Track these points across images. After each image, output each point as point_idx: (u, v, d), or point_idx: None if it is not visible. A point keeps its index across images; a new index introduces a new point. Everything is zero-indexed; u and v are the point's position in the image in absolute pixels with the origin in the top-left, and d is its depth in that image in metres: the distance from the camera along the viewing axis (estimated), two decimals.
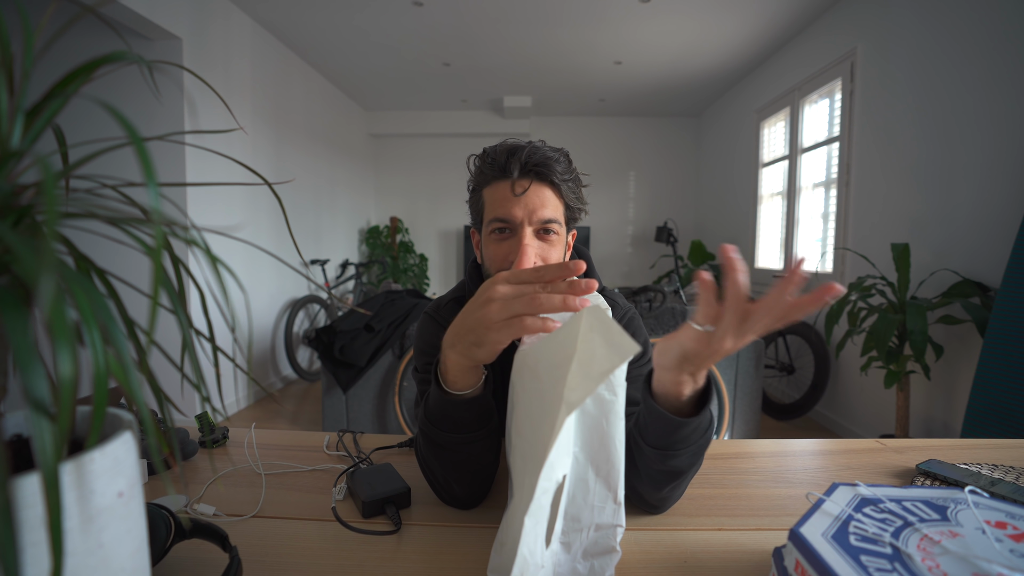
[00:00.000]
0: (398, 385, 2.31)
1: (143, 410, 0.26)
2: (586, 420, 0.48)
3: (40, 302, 0.21)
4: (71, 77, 0.31)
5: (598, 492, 0.49)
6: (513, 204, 0.71)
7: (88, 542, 0.28)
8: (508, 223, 0.72)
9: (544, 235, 0.73)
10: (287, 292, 3.86)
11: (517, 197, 0.71)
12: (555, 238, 0.73)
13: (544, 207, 0.72)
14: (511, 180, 0.71)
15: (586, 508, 0.49)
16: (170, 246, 0.29)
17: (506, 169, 0.72)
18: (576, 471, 0.49)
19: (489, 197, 0.74)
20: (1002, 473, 0.73)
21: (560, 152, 0.74)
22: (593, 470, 0.49)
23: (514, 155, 0.71)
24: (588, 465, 0.49)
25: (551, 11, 3.15)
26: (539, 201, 0.71)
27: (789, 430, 2.93)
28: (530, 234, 0.71)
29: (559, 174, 0.72)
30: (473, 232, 0.82)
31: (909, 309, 1.98)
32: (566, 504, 0.49)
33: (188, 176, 2.64)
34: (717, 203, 4.99)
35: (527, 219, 0.71)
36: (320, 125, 4.34)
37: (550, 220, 0.72)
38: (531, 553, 0.43)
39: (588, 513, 0.49)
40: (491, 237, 0.74)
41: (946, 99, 2.22)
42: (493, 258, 0.74)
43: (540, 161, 0.71)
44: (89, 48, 2.57)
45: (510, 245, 0.72)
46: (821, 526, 0.43)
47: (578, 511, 0.49)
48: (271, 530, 0.59)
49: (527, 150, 0.71)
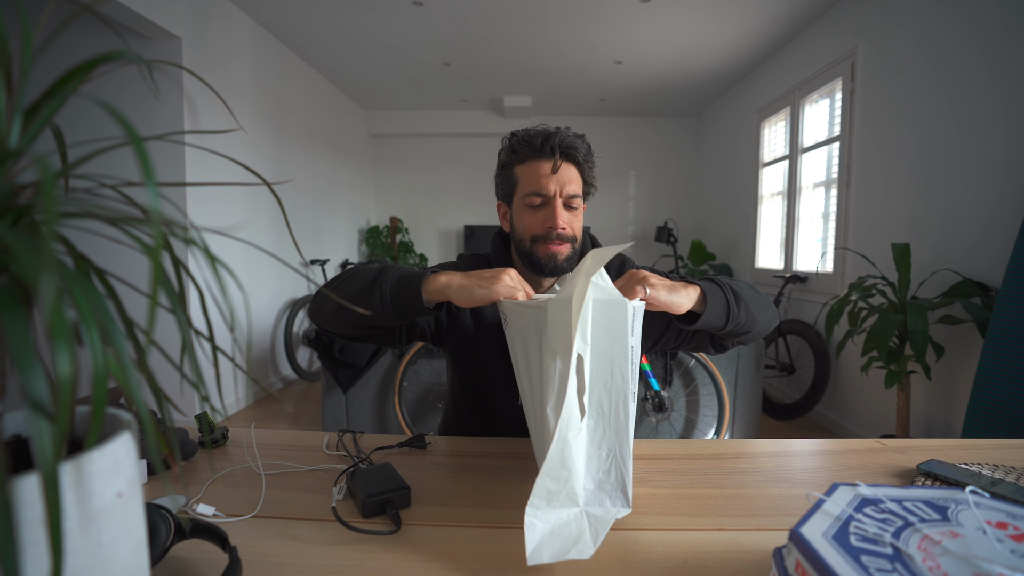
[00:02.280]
0: (398, 385, 2.31)
1: (142, 410, 0.26)
2: (599, 318, 0.60)
3: (39, 302, 0.21)
4: (70, 76, 0.31)
5: (617, 381, 0.60)
6: (548, 180, 0.86)
7: (87, 542, 0.28)
8: (543, 196, 0.86)
9: (570, 207, 0.88)
10: (287, 292, 3.86)
11: (552, 175, 0.86)
12: (577, 209, 0.89)
13: (571, 183, 0.87)
14: (547, 160, 0.86)
15: (607, 396, 0.60)
16: (169, 246, 0.29)
17: (542, 151, 0.86)
18: (595, 360, 0.59)
19: (523, 173, 0.88)
20: (1003, 473, 0.73)
21: (581, 138, 0.88)
22: (611, 362, 0.60)
23: (549, 139, 0.85)
24: (606, 355, 0.60)
25: (551, 11, 3.15)
26: (567, 178, 0.87)
27: (789, 430, 2.93)
28: (560, 204, 0.86)
29: (583, 156, 0.87)
30: (500, 204, 0.96)
31: (910, 309, 1.98)
32: (589, 388, 0.59)
33: (188, 176, 2.64)
34: (717, 203, 4.99)
35: (559, 192, 0.86)
36: (320, 125, 4.34)
37: (574, 195, 0.87)
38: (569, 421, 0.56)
39: (609, 401, 0.60)
40: (525, 208, 0.88)
41: (946, 99, 2.22)
42: (528, 225, 0.89)
43: (571, 144, 0.86)
44: (88, 48, 2.57)
45: (545, 214, 0.87)
46: (822, 526, 0.43)
47: (600, 397, 0.60)
48: (271, 530, 0.59)
49: (559, 135, 0.86)
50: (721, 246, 4.79)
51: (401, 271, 0.78)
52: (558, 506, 0.56)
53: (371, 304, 0.75)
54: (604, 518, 0.58)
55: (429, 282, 0.75)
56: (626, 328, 0.59)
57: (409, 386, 2.36)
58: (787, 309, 3.51)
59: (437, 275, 0.76)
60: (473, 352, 0.95)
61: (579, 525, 0.56)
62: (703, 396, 2.36)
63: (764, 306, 0.85)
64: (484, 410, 0.99)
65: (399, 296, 0.75)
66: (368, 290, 0.76)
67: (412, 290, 0.74)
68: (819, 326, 2.99)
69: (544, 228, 0.86)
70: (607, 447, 0.60)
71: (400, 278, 0.76)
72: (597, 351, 0.59)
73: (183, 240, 0.29)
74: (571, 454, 0.56)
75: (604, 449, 0.60)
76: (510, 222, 0.94)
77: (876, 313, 2.15)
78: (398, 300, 0.75)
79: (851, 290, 2.28)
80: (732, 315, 0.78)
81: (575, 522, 0.56)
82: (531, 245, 0.88)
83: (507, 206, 0.94)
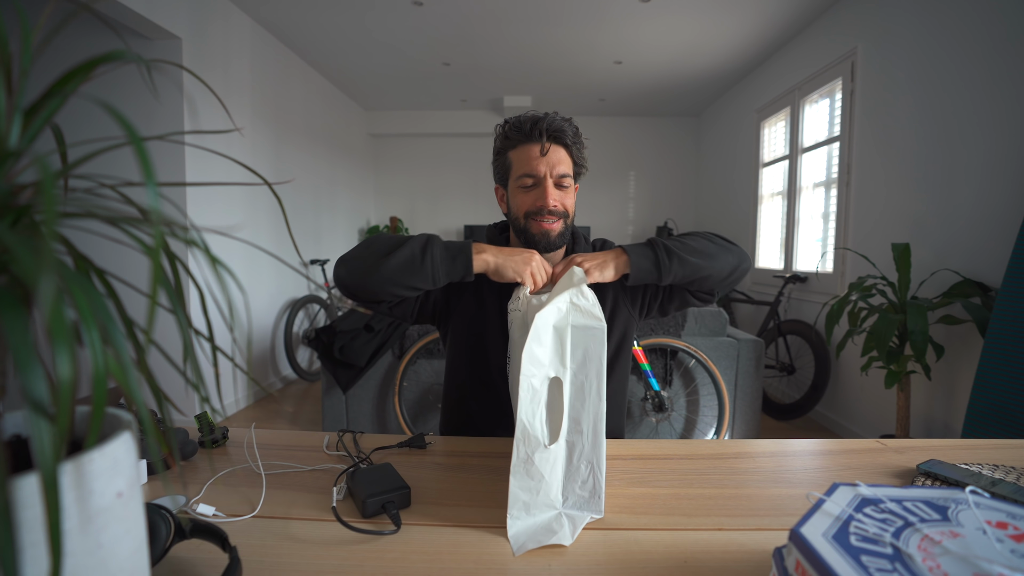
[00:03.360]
0: (398, 385, 2.31)
1: (142, 410, 0.26)
2: (577, 341, 0.64)
3: (39, 302, 0.21)
4: (70, 76, 0.31)
5: (592, 400, 0.64)
6: (538, 162, 0.92)
7: (87, 542, 0.28)
8: (534, 177, 0.92)
9: (561, 186, 0.94)
10: (287, 292, 3.85)
11: (542, 157, 0.92)
12: (568, 188, 0.95)
13: (560, 163, 0.93)
14: (536, 143, 0.92)
15: (584, 413, 0.63)
16: (169, 246, 0.29)
17: (531, 135, 0.92)
18: (574, 382, 0.63)
19: (515, 157, 0.95)
20: (1003, 473, 0.73)
21: (569, 121, 0.94)
22: (587, 383, 0.64)
23: (537, 124, 0.92)
24: (584, 377, 0.64)
25: (551, 11, 3.15)
26: (557, 159, 0.93)
27: (789, 430, 2.93)
28: (551, 184, 0.92)
29: (570, 137, 0.93)
30: (498, 188, 1.03)
31: (910, 309, 1.98)
32: (568, 407, 0.63)
33: (188, 176, 2.64)
34: (717, 203, 4.99)
35: (549, 172, 0.92)
36: (320, 125, 4.34)
37: (564, 174, 0.94)
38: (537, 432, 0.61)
39: (587, 419, 0.63)
40: (519, 189, 0.95)
41: (946, 99, 2.22)
42: (521, 205, 0.95)
43: (558, 128, 0.92)
44: (88, 48, 2.57)
45: (537, 194, 0.93)
46: (822, 526, 0.43)
47: (577, 415, 0.63)
48: (271, 530, 0.59)
49: (547, 119, 0.92)
50: None
51: (442, 242, 0.86)
52: (537, 513, 0.62)
53: (421, 271, 0.83)
54: (580, 518, 0.62)
55: (476, 255, 0.85)
56: (603, 351, 0.64)
57: (409, 386, 2.36)
58: (787, 309, 3.51)
59: (481, 249, 0.86)
60: (474, 333, 0.99)
61: (559, 522, 0.61)
62: (703, 396, 2.36)
63: (717, 252, 0.92)
64: (483, 390, 1.01)
65: (452, 263, 0.84)
66: (419, 258, 0.83)
67: (465, 259, 0.84)
68: (819, 326, 2.99)
69: (536, 206, 0.93)
70: (586, 460, 0.64)
71: (447, 247, 0.85)
72: (576, 374, 0.64)
73: (183, 240, 0.29)
74: (535, 468, 0.61)
75: (583, 462, 0.64)
76: (507, 204, 1.01)
77: (876, 313, 2.15)
78: (450, 267, 0.84)
79: (851, 290, 2.28)
80: (664, 267, 0.87)
81: (555, 520, 0.61)
82: (526, 222, 0.95)
83: (504, 189, 1.01)
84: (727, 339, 2.38)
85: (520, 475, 0.60)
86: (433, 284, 0.85)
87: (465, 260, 0.84)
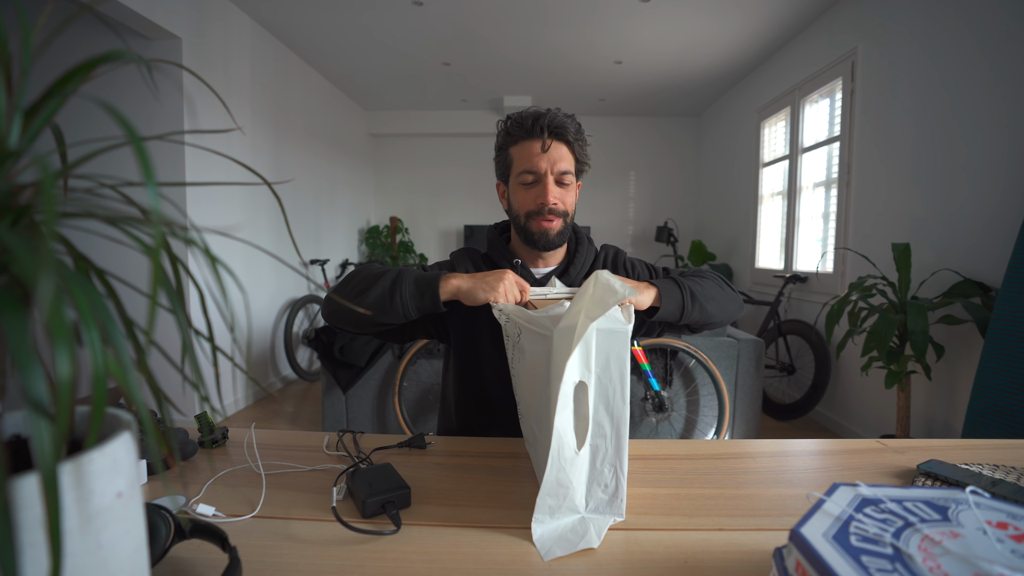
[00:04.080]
0: (398, 385, 2.31)
1: (142, 410, 0.26)
2: (602, 345, 0.62)
3: (39, 302, 0.21)
4: (70, 76, 0.31)
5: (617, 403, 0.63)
6: (539, 158, 0.91)
7: (87, 543, 0.28)
8: (535, 173, 0.91)
9: (562, 184, 0.93)
10: (287, 292, 3.85)
11: (543, 153, 0.90)
12: (569, 185, 0.94)
13: (561, 160, 0.92)
14: (537, 140, 0.91)
15: (608, 417, 0.63)
16: (169, 246, 0.29)
17: (532, 131, 0.91)
18: (598, 386, 0.62)
19: (516, 154, 0.94)
20: (1003, 473, 0.73)
21: (571, 118, 0.93)
22: (610, 387, 0.63)
23: (539, 120, 0.90)
24: (607, 381, 0.63)
25: (551, 11, 3.15)
26: (558, 156, 0.92)
27: (789, 430, 2.93)
28: (552, 181, 0.91)
29: (572, 134, 0.92)
30: (499, 184, 1.02)
31: (910, 309, 1.98)
32: (592, 411, 0.62)
33: (187, 176, 2.64)
34: (717, 203, 4.99)
35: (549, 169, 0.91)
36: (320, 125, 4.34)
37: (565, 171, 0.92)
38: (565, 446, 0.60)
39: (610, 422, 0.63)
40: (520, 186, 0.94)
41: (946, 99, 2.22)
42: (522, 201, 0.94)
43: (560, 124, 0.91)
44: (88, 48, 2.57)
45: (537, 191, 0.92)
46: (822, 526, 0.43)
47: (601, 419, 0.63)
48: (271, 530, 0.59)
49: (548, 116, 0.91)
50: (721, 246, 4.79)
51: (414, 275, 0.85)
52: (561, 516, 0.62)
53: (392, 307, 0.83)
54: (603, 521, 0.62)
55: (444, 285, 0.83)
56: (626, 354, 0.63)
57: (409, 386, 2.36)
58: (787, 309, 3.51)
59: (449, 278, 0.84)
60: (470, 348, 0.99)
61: (583, 526, 0.61)
62: (703, 396, 2.36)
63: (726, 302, 0.94)
64: (478, 404, 1.01)
65: (420, 299, 0.84)
66: (389, 295, 0.83)
67: (432, 293, 0.83)
68: (819, 326, 2.99)
69: (536, 204, 0.92)
70: (609, 464, 0.64)
71: (416, 281, 0.84)
72: (600, 378, 0.63)
73: (183, 240, 0.29)
74: (566, 475, 0.61)
75: (607, 466, 0.64)
76: (508, 200, 1.00)
77: (876, 313, 2.15)
78: (419, 303, 0.84)
79: (851, 290, 2.28)
80: (687, 312, 0.89)
81: (580, 524, 0.61)
82: (526, 221, 0.95)
83: (505, 185, 1.00)
84: (727, 339, 2.38)
85: (552, 483, 0.60)
86: (405, 319, 0.85)
87: (432, 294, 0.83)
